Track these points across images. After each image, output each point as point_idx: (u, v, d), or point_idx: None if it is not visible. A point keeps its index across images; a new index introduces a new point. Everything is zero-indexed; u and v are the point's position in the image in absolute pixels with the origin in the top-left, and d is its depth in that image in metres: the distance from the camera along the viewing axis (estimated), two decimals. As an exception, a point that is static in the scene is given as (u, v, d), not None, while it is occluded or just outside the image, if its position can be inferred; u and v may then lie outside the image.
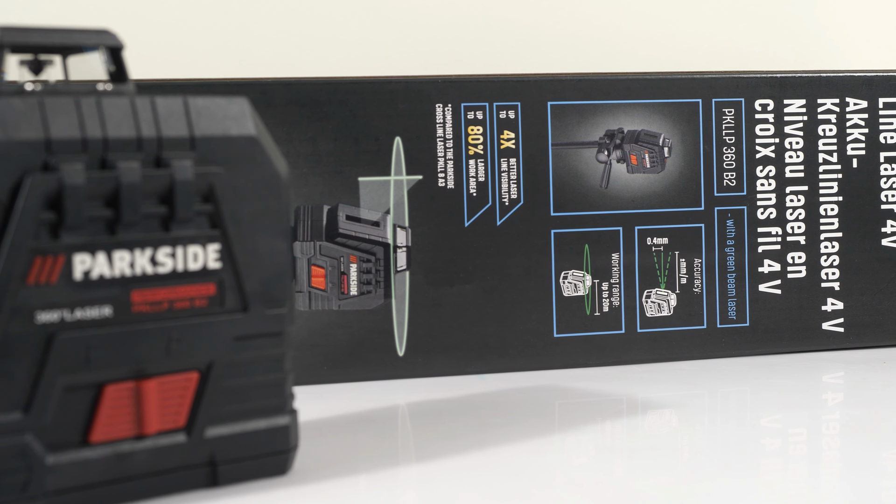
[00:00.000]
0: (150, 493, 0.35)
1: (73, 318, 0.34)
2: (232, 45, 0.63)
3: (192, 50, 0.63)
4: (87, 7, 0.62)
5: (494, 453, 0.41)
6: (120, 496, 0.35)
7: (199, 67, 0.62)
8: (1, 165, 0.33)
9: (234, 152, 0.37)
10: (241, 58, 0.63)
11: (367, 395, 0.51)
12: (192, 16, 0.63)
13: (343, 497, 0.36)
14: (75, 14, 0.61)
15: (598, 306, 0.56)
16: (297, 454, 0.39)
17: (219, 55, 0.63)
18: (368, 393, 0.51)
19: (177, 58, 0.62)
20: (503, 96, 0.54)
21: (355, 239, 0.53)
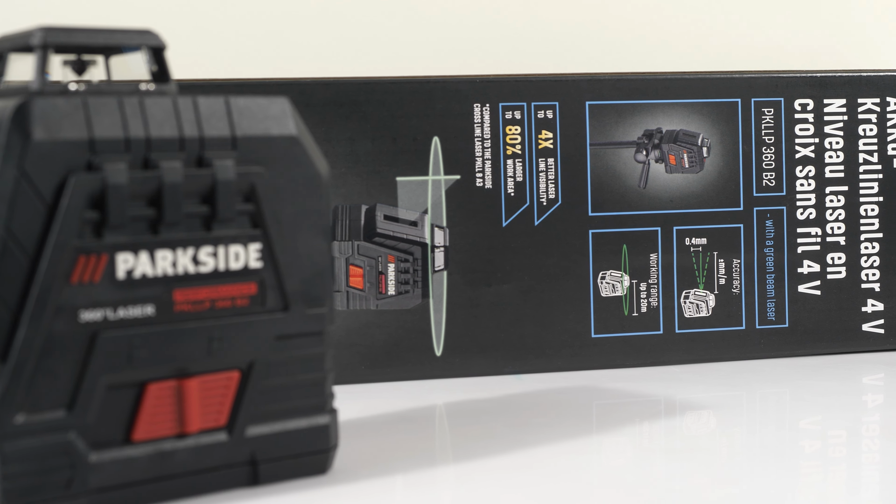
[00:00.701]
0: (192, 491, 0.36)
1: (116, 317, 0.34)
2: (271, 46, 0.64)
3: (232, 50, 0.63)
4: (125, 7, 0.62)
5: (533, 454, 0.41)
6: (162, 495, 0.35)
7: (238, 68, 0.62)
8: (45, 165, 0.33)
9: (276, 152, 0.37)
10: (280, 58, 0.63)
11: (404, 394, 0.51)
12: (232, 16, 0.64)
13: (382, 496, 0.36)
14: (113, 14, 0.62)
15: (636, 307, 0.55)
16: (337, 453, 0.39)
17: (258, 55, 0.63)
18: (406, 393, 0.51)
19: (216, 58, 0.62)
20: (541, 96, 0.54)
21: (393, 239, 0.53)
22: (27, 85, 0.35)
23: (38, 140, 0.33)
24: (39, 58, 0.34)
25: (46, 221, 0.33)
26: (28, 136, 0.33)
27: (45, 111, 0.33)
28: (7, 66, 0.37)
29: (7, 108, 0.33)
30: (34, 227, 0.33)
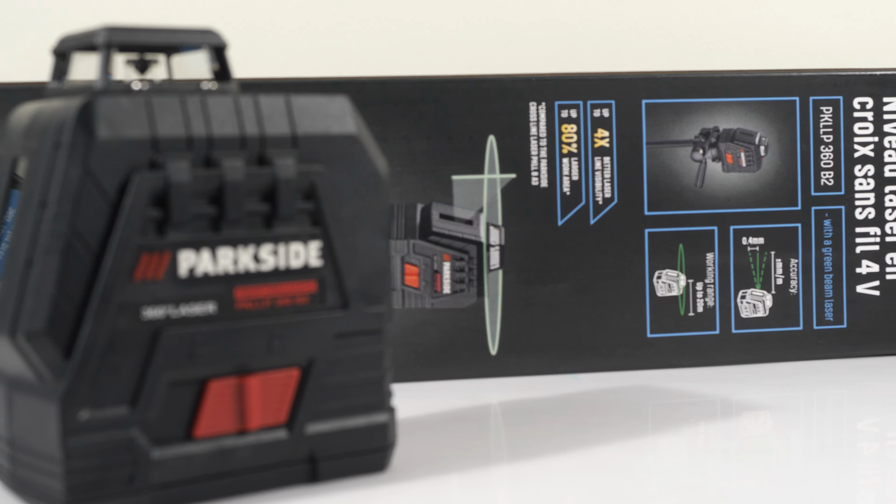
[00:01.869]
0: (252, 488, 0.36)
1: (178, 315, 0.34)
2: (327, 45, 0.64)
3: (288, 49, 0.63)
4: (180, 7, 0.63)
5: (588, 454, 0.40)
6: (222, 491, 0.35)
7: (294, 66, 0.62)
8: (109, 163, 0.33)
9: (335, 151, 0.37)
10: (336, 57, 0.64)
11: (459, 393, 0.51)
12: (288, 15, 0.64)
13: (440, 495, 0.36)
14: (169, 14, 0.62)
15: (693, 306, 0.55)
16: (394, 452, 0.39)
17: (314, 54, 0.64)
18: (460, 391, 0.51)
19: (272, 57, 0.62)
20: (597, 94, 0.54)
21: (449, 237, 0.53)
22: (91, 84, 0.35)
23: (103, 138, 0.33)
24: (103, 57, 0.35)
25: (110, 219, 0.33)
26: (92, 134, 0.33)
27: (109, 110, 0.33)
28: (71, 65, 0.37)
29: (72, 106, 0.33)
30: (98, 225, 0.33)
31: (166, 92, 0.35)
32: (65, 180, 0.33)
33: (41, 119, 0.34)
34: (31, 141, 0.34)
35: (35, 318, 0.32)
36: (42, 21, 0.62)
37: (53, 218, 0.32)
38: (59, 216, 0.33)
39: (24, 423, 0.34)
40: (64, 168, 0.33)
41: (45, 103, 0.35)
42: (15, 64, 0.60)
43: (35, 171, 0.34)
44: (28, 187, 0.34)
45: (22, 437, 0.34)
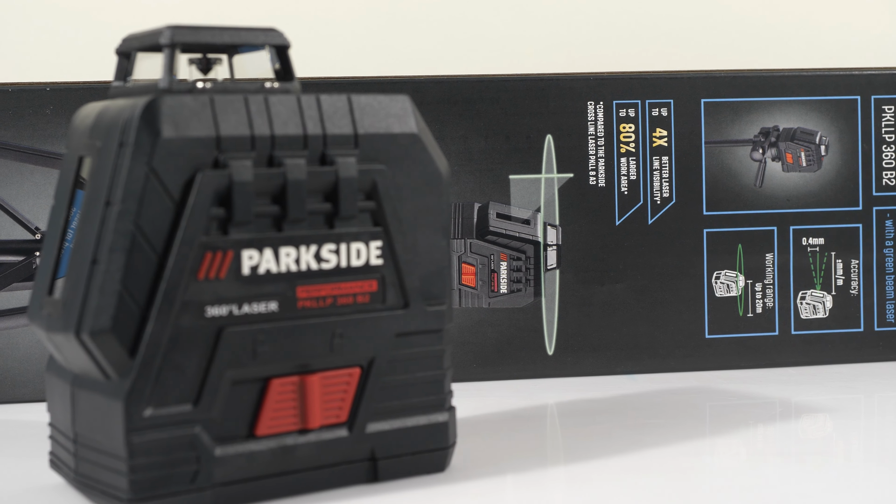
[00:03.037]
0: (313, 487, 0.36)
1: (241, 313, 0.34)
2: (385, 44, 0.64)
3: (345, 48, 0.63)
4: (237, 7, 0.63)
5: (645, 455, 0.40)
6: (284, 489, 0.35)
7: (353, 65, 0.62)
8: (174, 162, 0.33)
9: (397, 150, 0.37)
10: (394, 56, 0.64)
11: (516, 393, 0.51)
12: (346, 14, 0.64)
13: (502, 495, 0.36)
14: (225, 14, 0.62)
15: (752, 307, 0.55)
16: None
17: (373, 53, 0.64)
18: (518, 391, 0.51)
19: (330, 56, 0.63)
20: (656, 93, 0.54)
21: (506, 237, 0.53)
22: (156, 83, 0.35)
23: (167, 137, 0.33)
24: (168, 56, 0.35)
25: (174, 218, 0.33)
26: (157, 133, 0.33)
27: (173, 109, 0.33)
28: (134, 64, 0.38)
29: (137, 106, 0.33)
30: (162, 224, 0.33)
31: (229, 91, 0.35)
32: (130, 179, 0.33)
33: (106, 118, 0.34)
34: (96, 140, 0.35)
35: (100, 317, 0.33)
36: (104, 21, 0.63)
37: (118, 216, 0.33)
38: (123, 215, 0.33)
39: (88, 421, 0.34)
40: (129, 167, 0.33)
41: (110, 103, 0.35)
42: (79, 64, 0.60)
43: (100, 171, 0.34)
44: (93, 186, 0.34)
45: (85, 433, 0.34)
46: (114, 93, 0.37)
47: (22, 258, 0.51)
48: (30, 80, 0.57)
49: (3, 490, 0.38)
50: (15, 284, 0.51)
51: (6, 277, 0.51)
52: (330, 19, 0.64)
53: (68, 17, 0.63)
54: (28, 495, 0.37)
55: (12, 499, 0.37)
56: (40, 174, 0.51)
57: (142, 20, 0.58)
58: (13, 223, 0.51)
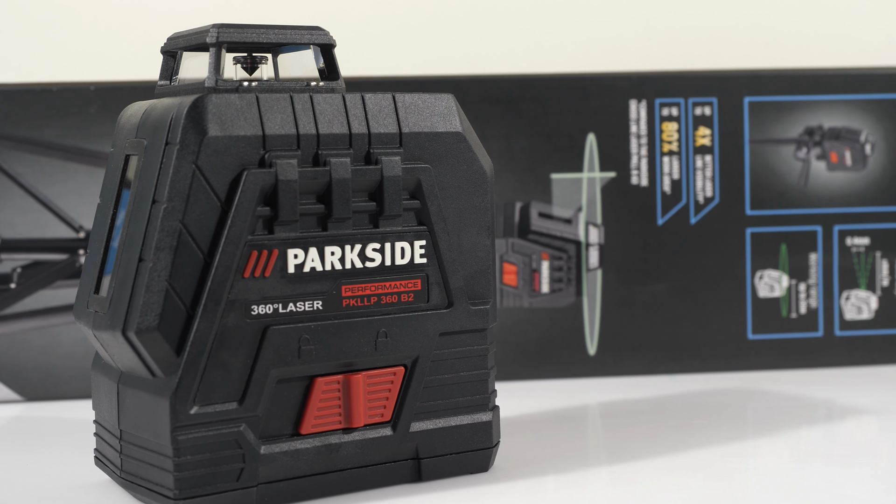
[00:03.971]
0: (357, 485, 0.36)
1: (286, 311, 0.34)
2: (427, 43, 0.64)
3: (386, 47, 0.63)
4: (278, 6, 0.63)
5: (686, 456, 0.40)
6: (328, 488, 0.35)
7: (393, 65, 0.62)
8: (220, 161, 0.33)
9: (441, 149, 0.37)
10: (435, 55, 0.64)
11: (557, 393, 0.51)
12: (387, 13, 0.64)
13: (546, 496, 0.36)
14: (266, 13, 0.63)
15: (795, 307, 0.54)
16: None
17: (413, 52, 0.64)
18: (559, 391, 0.51)
19: (371, 55, 0.63)
20: (699, 92, 0.53)
21: (547, 236, 0.53)
22: (202, 82, 0.35)
23: (213, 136, 0.33)
24: (214, 55, 0.35)
25: (220, 216, 0.33)
26: (204, 131, 0.33)
27: (219, 108, 0.34)
28: (180, 63, 0.38)
29: (183, 104, 0.33)
30: (209, 222, 0.33)
31: (275, 90, 0.35)
32: (176, 178, 0.33)
33: (152, 117, 0.35)
34: (143, 139, 0.35)
35: (147, 315, 0.33)
36: (148, 20, 0.63)
37: (165, 215, 0.33)
38: (170, 213, 0.33)
39: (134, 418, 0.34)
40: (175, 165, 0.33)
41: (156, 102, 0.35)
42: (123, 63, 0.61)
43: (147, 169, 0.34)
44: (139, 185, 0.34)
45: (131, 431, 0.35)
46: (159, 92, 0.38)
47: (65, 256, 0.51)
48: (74, 79, 0.57)
49: (49, 487, 0.38)
50: (59, 282, 0.51)
51: (50, 275, 0.51)
52: (371, 18, 0.64)
53: (113, 16, 0.63)
54: (74, 492, 0.37)
55: (58, 496, 0.37)
56: (84, 173, 0.51)
57: (185, 19, 0.58)
58: (57, 221, 0.51)
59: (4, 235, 0.51)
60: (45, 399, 0.51)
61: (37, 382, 0.51)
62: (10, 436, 0.46)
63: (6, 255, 0.51)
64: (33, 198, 0.51)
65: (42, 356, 0.51)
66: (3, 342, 0.51)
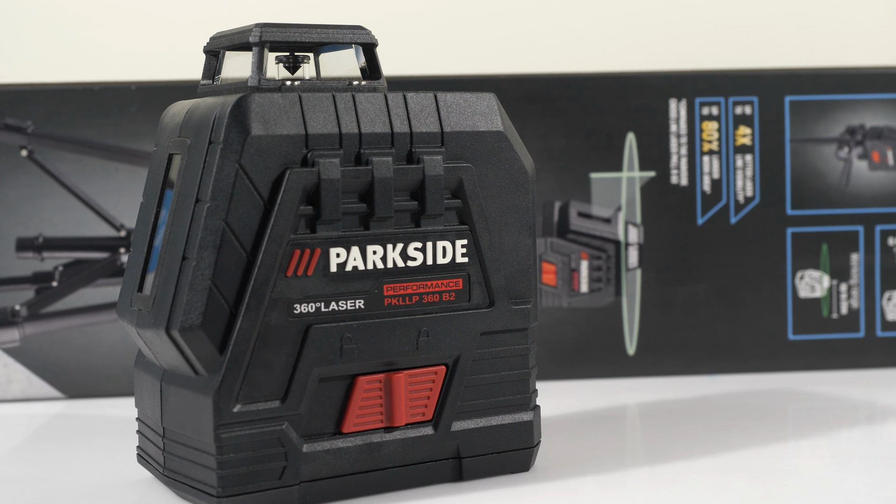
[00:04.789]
0: (399, 484, 0.36)
1: (329, 310, 0.34)
2: (465, 42, 0.64)
3: (425, 47, 0.63)
4: (317, 5, 0.63)
5: (727, 457, 0.40)
6: (370, 487, 0.35)
7: (431, 64, 0.62)
8: (263, 160, 0.33)
9: (483, 148, 0.37)
10: (474, 54, 0.63)
11: (596, 393, 0.51)
12: (425, 13, 0.64)
13: (588, 496, 0.36)
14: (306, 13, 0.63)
15: (836, 308, 0.54)
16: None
17: (452, 52, 0.64)
18: (598, 391, 0.51)
19: (409, 54, 0.63)
20: (739, 91, 0.53)
21: (587, 236, 0.53)
22: (244, 81, 0.35)
23: (257, 135, 0.33)
24: (257, 54, 0.35)
25: (263, 215, 0.33)
26: (247, 131, 0.33)
27: (262, 107, 0.34)
28: (222, 63, 0.38)
29: (226, 104, 0.34)
30: (252, 221, 0.33)
31: (318, 89, 0.35)
32: (219, 177, 0.33)
33: (196, 116, 0.35)
34: (186, 138, 0.35)
35: (190, 313, 0.33)
36: (188, 20, 0.63)
37: (208, 214, 0.33)
38: (213, 212, 0.33)
39: (177, 416, 0.34)
40: (219, 164, 0.33)
41: (199, 101, 0.36)
42: (163, 62, 0.61)
43: (190, 168, 0.34)
44: (183, 184, 0.34)
45: (174, 429, 0.35)
46: (202, 91, 0.38)
47: (106, 255, 0.52)
48: (115, 78, 0.58)
49: (92, 483, 0.38)
50: (100, 280, 0.52)
51: (91, 274, 0.52)
52: (409, 17, 0.64)
53: (153, 16, 0.64)
54: (117, 489, 0.37)
55: (102, 492, 0.37)
56: (125, 172, 0.51)
57: (224, 19, 0.58)
58: (98, 220, 0.52)
59: (46, 234, 0.51)
60: (86, 396, 0.52)
61: (78, 380, 0.52)
62: (53, 433, 0.46)
63: (48, 253, 0.51)
64: (75, 196, 0.51)
65: (83, 354, 0.51)
66: (45, 340, 0.51)
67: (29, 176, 0.51)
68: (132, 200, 0.51)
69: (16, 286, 0.51)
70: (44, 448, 0.43)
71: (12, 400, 0.52)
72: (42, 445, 0.44)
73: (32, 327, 0.51)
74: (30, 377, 0.51)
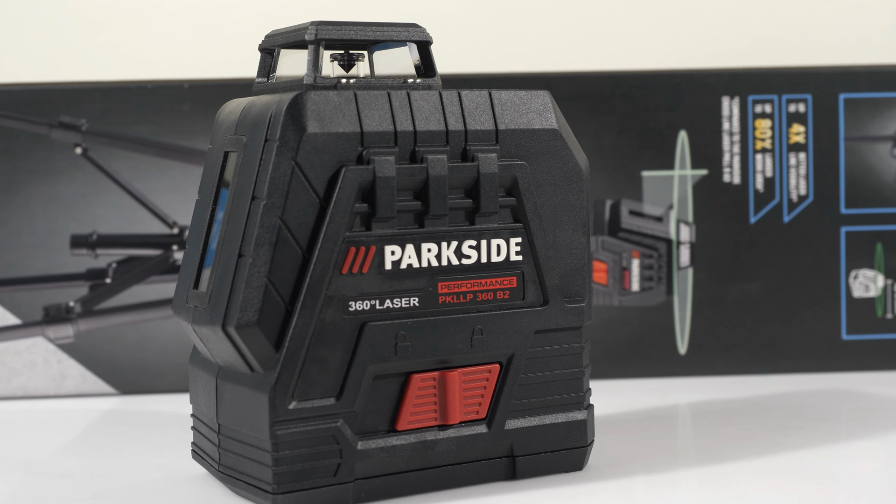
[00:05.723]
0: (452, 483, 0.36)
1: (383, 308, 0.34)
2: (516, 40, 0.64)
3: (476, 45, 0.63)
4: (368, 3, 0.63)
5: (778, 458, 0.39)
6: (423, 485, 0.35)
7: (483, 62, 0.62)
8: (319, 158, 0.33)
9: (537, 146, 0.37)
10: (525, 52, 0.63)
11: (647, 392, 0.50)
12: (476, 11, 0.64)
13: (642, 496, 0.36)
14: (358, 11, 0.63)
15: (891, 307, 0.53)
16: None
17: (503, 50, 0.64)
18: (649, 390, 0.51)
19: (460, 53, 0.63)
20: (793, 89, 0.53)
21: (638, 234, 0.53)
22: (300, 79, 0.35)
23: (313, 133, 0.33)
24: (313, 52, 0.35)
25: (319, 213, 0.34)
26: (303, 128, 0.33)
27: (318, 105, 0.34)
28: (277, 61, 0.38)
29: (282, 101, 0.34)
30: (307, 218, 0.33)
31: (372, 87, 0.35)
32: (275, 174, 0.33)
33: (251, 114, 0.35)
34: (242, 136, 0.35)
35: (246, 310, 0.33)
36: (240, 18, 0.64)
37: (264, 211, 0.33)
38: (269, 209, 0.33)
39: (233, 413, 0.35)
40: (274, 162, 0.33)
41: (255, 99, 0.36)
42: (215, 61, 0.61)
43: (246, 166, 0.34)
44: (239, 181, 0.34)
45: (230, 425, 0.35)
46: (257, 89, 0.38)
47: (159, 252, 0.52)
48: (168, 76, 0.58)
49: (147, 479, 0.38)
50: (153, 278, 0.52)
51: (144, 271, 0.52)
52: (460, 15, 0.64)
53: (206, 14, 0.64)
54: (173, 485, 0.37)
55: (158, 488, 0.37)
56: (178, 170, 0.52)
57: (277, 18, 0.59)
58: (151, 217, 0.52)
59: (100, 231, 0.52)
60: (139, 392, 0.52)
61: (131, 376, 0.52)
62: (107, 428, 0.46)
63: (102, 250, 0.52)
64: (128, 194, 0.52)
65: (136, 350, 0.52)
66: (99, 336, 0.52)
67: (83, 174, 0.52)
68: (185, 198, 0.52)
69: (70, 283, 0.52)
70: (98, 443, 0.44)
71: (66, 395, 0.52)
72: (96, 441, 0.44)
73: (86, 324, 0.52)
74: (83, 373, 0.52)
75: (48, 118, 0.51)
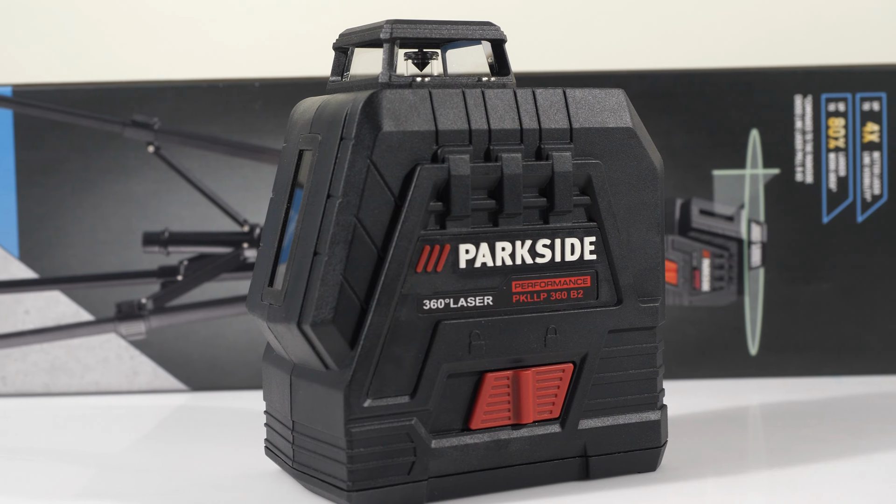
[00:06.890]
0: (525, 482, 0.36)
1: (457, 306, 0.34)
2: (587, 38, 0.63)
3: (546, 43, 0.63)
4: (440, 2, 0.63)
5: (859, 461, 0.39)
6: (496, 484, 0.35)
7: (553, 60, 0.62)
8: (394, 156, 0.34)
9: (611, 144, 0.36)
10: (595, 50, 0.63)
11: (718, 393, 0.50)
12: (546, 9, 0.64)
13: (718, 497, 0.36)
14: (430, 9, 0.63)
15: (967, 309, 0.52)
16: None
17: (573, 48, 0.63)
18: (720, 391, 0.50)
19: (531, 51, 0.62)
20: (867, 87, 0.52)
21: (708, 234, 0.52)
22: (375, 77, 0.35)
23: (388, 131, 0.33)
24: (387, 50, 0.35)
25: (394, 211, 0.34)
26: (378, 127, 0.33)
27: (393, 103, 0.34)
28: (351, 59, 0.38)
29: (358, 100, 0.34)
30: (382, 217, 0.33)
31: (447, 85, 0.35)
32: (351, 172, 0.33)
33: (326, 113, 0.35)
34: (317, 134, 0.35)
35: (322, 308, 0.33)
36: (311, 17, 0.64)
37: (340, 209, 0.33)
38: (345, 207, 0.33)
39: (307, 410, 0.35)
40: (350, 160, 0.33)
41: (329, 97, 0.36)
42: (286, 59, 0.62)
43: (322, 164, 0.34)
44: (314, 179, 0.34)
45: (304, 423, 0.35)
46: (332, 87, 0.38)
47: (230, 249, 0.52)
48: (239, 75, 0.58)
49: (221, 475, 0.39)
50: (224, 275, 0.52)
51: (215, 268, 0.52)
52: (529, 13, 0.64)
53: (277, 13, 0.64)
54: (245, 481, 0.38)
55: (233, 484, 0.37)
56: (249, 168, 0.52)
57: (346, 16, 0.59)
58: (222, 215, 0.52)
59: (172, 229, 0.52)
60: (210, 389, 0.52)
61: (202, 372, 0.52)
62: (179, 424, 0.47)
63: (174, 247, 0.52)
64: (200, 192, 0.52)
65: (207, 347, 0.52)
66: (171, 333, 0.52)
67: (155, 172, 0.52)
68: (256, 196, 0.52)
69: (142, 280, 0.52)
70: (170, 439, 0.44)
71: (138, 391, 0.53)
72: (168, 437, 0.45)
73: (158, 320, 0.52)
74: (155, 369, 0.52)
75: (121, 117, 0.52)
